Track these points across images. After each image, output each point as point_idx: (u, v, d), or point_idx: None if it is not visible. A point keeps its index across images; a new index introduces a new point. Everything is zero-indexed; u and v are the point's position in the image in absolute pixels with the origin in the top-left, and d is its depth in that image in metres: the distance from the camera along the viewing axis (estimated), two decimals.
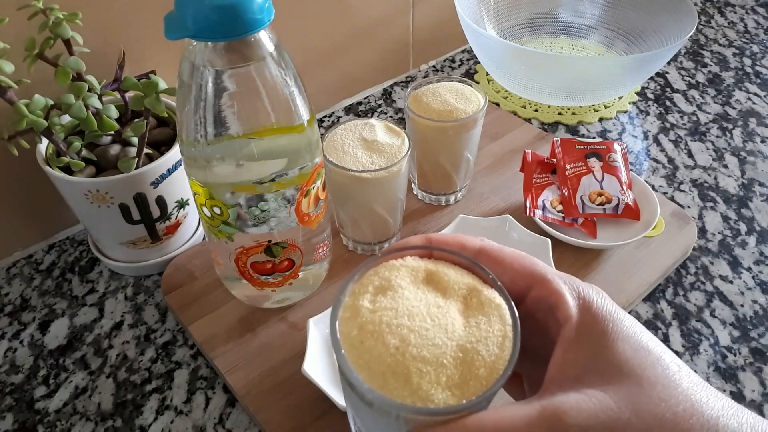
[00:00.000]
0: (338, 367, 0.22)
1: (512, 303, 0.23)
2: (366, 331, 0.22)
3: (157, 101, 0.44)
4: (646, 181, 0.64)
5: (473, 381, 0.21)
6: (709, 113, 0.74)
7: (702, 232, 0.58)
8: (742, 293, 0.53)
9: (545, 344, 0.24)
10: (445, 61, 0.84)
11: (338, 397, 0.41)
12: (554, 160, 0.59)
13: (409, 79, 0.81)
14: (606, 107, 0.75)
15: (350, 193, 0.49)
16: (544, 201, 0.56)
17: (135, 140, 0.50)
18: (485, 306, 0.23)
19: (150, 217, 0.50)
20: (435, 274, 0.25)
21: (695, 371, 0.46)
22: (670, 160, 0.67)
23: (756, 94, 0.77)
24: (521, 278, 0.24)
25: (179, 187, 0.51)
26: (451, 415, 0.21)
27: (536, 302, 0.24)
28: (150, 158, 0.49)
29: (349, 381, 0.22)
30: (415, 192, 0.60)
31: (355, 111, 0.75)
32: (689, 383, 0.21)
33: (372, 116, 0.74)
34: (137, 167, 0.47)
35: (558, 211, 0.55)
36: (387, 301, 0.23)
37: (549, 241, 0.50)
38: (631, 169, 0.59)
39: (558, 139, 0.59)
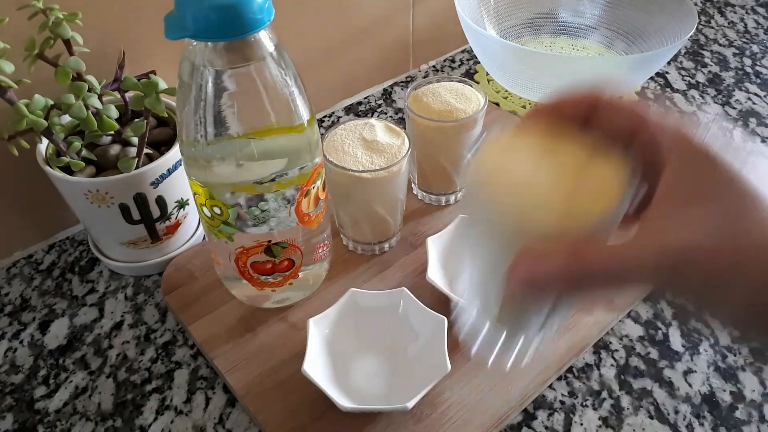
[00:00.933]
0: (474, 191, 0.26)
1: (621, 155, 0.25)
2: (500, 156, 0.25)
3: (157, 101, 0.44)
4: None
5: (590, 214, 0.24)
6: (709, 113, 0.74)
7: None
8: None
9: (652, 183, 0.25)
10: (445, 61, 0.84)
11: (338, 397, 0.41)
12: None
13: (409, 79, 0.81)
14: None
15: (350, 193, 0.49)
16: None
17: (135, 140, 0.50)
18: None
19: (150, 217, 0.50)
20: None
21: (695, 371, 0.47)
22: None
23: (756, 94, 0.77)
24: (628, 122, 0.26)
25: (179, 187, 0.51)
26: (567, 234, 0.23)
27: (642, 143, 0.25)
28: (150, 158, 0.49)
29: (485, 199, 0.25)
30: (415, 192, 0.60)
31: (355, 111, 0.75)
32: None
33: (372, 116, 0.74)
34: (137, 167, 0.47)
35: None
36: (510, 152, 0.26)
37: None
38: None
39: None
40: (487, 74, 0.81)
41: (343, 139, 0.50)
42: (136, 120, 0.47)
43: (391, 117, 0.74)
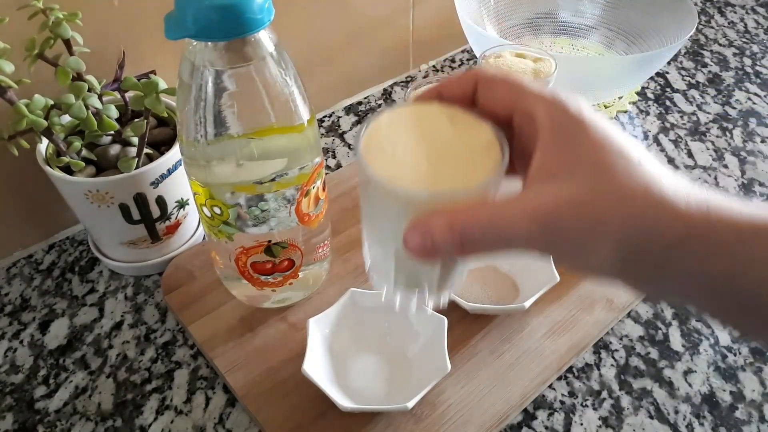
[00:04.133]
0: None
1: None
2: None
3: (157, 101, 0.44)
4: None
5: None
6: (709, 113, 0.74)
7: None
8: None
9: (532, 151, 0.26)
10: (445, 61, 0.84)
11: (338, 397, 0.41)
12: None
13: (409, 79, 0.81)
14: (606, 107, 0.75)
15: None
16: None
17: (135, 140, 0.50)
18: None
19: (150, 217, 0.50)
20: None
21: (695, 371, 0.47)
22: (670, 160, 0.67)
23: (756, 94, 0.77)
24: (509, 94, 0.27)
25: (179, 187, 0.51)
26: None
27: (521, 116, 0.26)
28: (150, 158, 0.49)
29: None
30: None
31: (355, 111, 0.75)
32: (648, 168, 0.24)
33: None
34: (137, 167, 0.47)
35: None
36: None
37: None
38: None
39: None
40: None
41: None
42: (136, 120, 0.47)
43: None
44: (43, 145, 0.48)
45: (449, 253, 0.24)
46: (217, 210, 0.40)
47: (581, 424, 0.44)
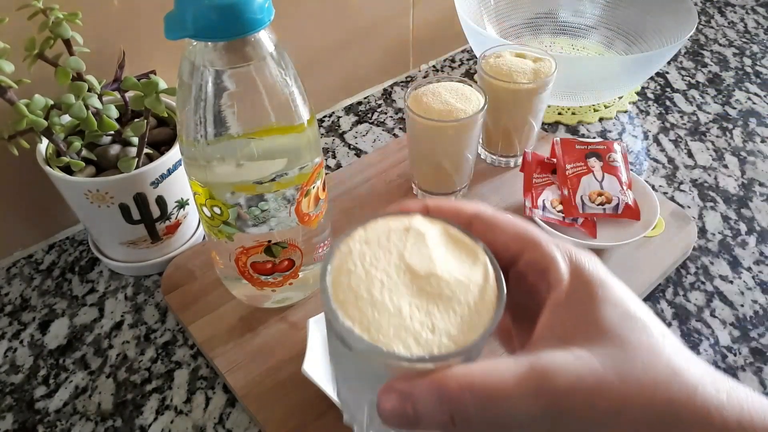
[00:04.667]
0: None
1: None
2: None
3: (157, 101, 0.44)
4: (646, 181, 0.63)
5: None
6: (709, 113, 0.74)
7: (702, 232, 0.58)
8: (742, 293, 0.53)
9: (537, 305, 0.24)
10: (445, 61, 0.84)
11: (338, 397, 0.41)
12: (554, 160, 0.59)
13: (409, 79, 0.81)
14: (606, 107, 0.75)
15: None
16: (544, 201, 0.56)
17: (135, 140, 0.50)
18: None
19: (150, 217, 0.50)
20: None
21: None
22: (670, 160, 0.67)
23: (756, 94, 0.77)
24: (514, 242, 0.25)
25: (179, 187, 0.51)
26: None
27: (529, 265, 0.24)
28: (150, 158, 0.49)
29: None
30: (415, 192, 0.60)
31: (355, 111, 0.75)
32: (672, 350, 0.22)
33: (373, 115, 0.74)
34: (137, 167, 0.47)
35: (558, 211, 0.55)
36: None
37: None
38: (631, 169, 0.59)
39: (558, 139, 0.59)
40: None
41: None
42: (136, 120, 0.47)
43: (391, 117, 0.74)
44: (43, 145, 0.48)
45: (433, 427, 0.20)
46: (217, 210, 0.40)
47: None
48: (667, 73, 0.81)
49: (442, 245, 0.24)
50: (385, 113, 0.74)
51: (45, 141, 0.48)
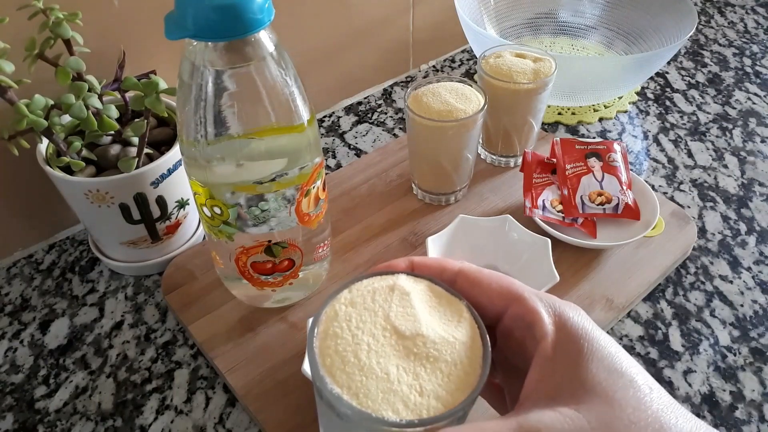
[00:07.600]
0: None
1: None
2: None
3: (157, 101, 0.44)
4: (646, 181, 0.64)
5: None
6: (709, 113, 0.74)
7: (702, 232, 0.58)
8: (742, 293, 0.53)
9: (524, 360, 0.24)
10: (445, 61, 0.84)
11: None
12: (554, 160, 0.59)
13: (409, 79, 0.81)
14: (606, 107, 0.75)
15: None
16: (544, 201, 0.56)
17: (135, 140, 0.50)
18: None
19: (150, 217, 0.50)
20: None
21: (695, 371, 0.47)
22: (670, 160, 0.67)
23: (756, 94, 0.77)
24: (499, 297, 0.25)
25: (179, 187, 0.51)
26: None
27: (514, 320, 0.24)
28: (150, 158, 0.49)
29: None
30: (415, 192, 0.60)
31: (355, 111, 0.75)
32: (660, 405, 0.22)
33: (373, 115, 0.74)
34: (137, 167, 0.47)
35: (558, 211, 0.55)
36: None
37: (549, 240, 0.50)
38: (631, 169, 0.59)
39: (558, 139, 0.59)
40: None
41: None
42: (136, 120, 0.47)
43: (391, 117, 0.74)
44: (44, 145, 0.49)
45: None
46: (217, 210, 0.40)
47: None
48: (667, 73, 0.81)
49: (427, 304, 0.24)
50: (385, 113, 0.74)
51: (45, 141, 0.48)
